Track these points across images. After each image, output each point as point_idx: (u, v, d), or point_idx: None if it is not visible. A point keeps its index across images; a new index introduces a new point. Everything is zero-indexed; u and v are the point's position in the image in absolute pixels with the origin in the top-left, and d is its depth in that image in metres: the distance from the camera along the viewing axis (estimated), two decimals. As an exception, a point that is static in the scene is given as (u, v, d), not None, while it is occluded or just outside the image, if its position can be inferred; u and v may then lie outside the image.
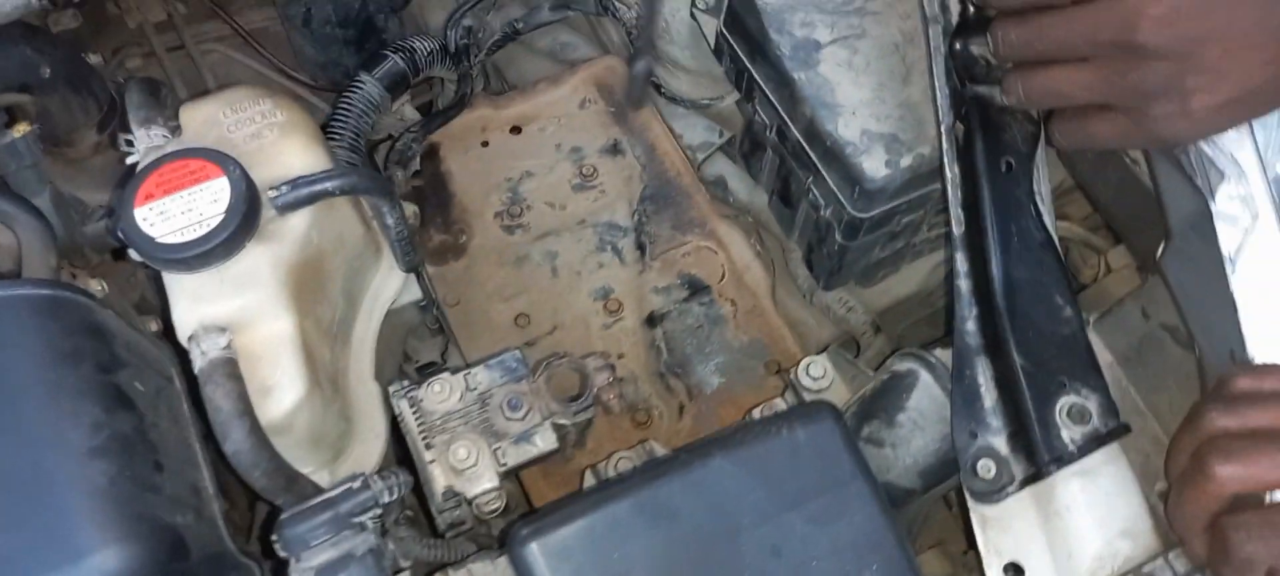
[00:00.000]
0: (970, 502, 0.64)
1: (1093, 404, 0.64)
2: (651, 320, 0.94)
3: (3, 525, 0.52)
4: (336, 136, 0.87)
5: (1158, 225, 0.65)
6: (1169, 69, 0.53)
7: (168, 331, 0.61)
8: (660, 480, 0.55)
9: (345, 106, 0.91)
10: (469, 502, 0.62)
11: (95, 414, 0.56)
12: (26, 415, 0.54)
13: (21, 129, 0.67)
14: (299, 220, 0.59)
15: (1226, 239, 0.59)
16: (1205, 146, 0.60)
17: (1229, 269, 0.59)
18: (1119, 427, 0.63)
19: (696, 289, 0.96)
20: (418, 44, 0.99)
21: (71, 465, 0.54)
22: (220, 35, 1.14)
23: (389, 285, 0.72)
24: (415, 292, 0.74)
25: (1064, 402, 0.64)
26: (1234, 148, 0.59)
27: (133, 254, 0.56)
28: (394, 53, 0.97)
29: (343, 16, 0.99)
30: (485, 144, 1.04)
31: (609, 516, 0.54)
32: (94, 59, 0.80)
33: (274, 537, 0.51)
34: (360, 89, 0.94)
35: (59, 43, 0.76)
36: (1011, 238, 0.67)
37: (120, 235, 0.56)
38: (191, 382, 0.60)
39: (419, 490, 0.77)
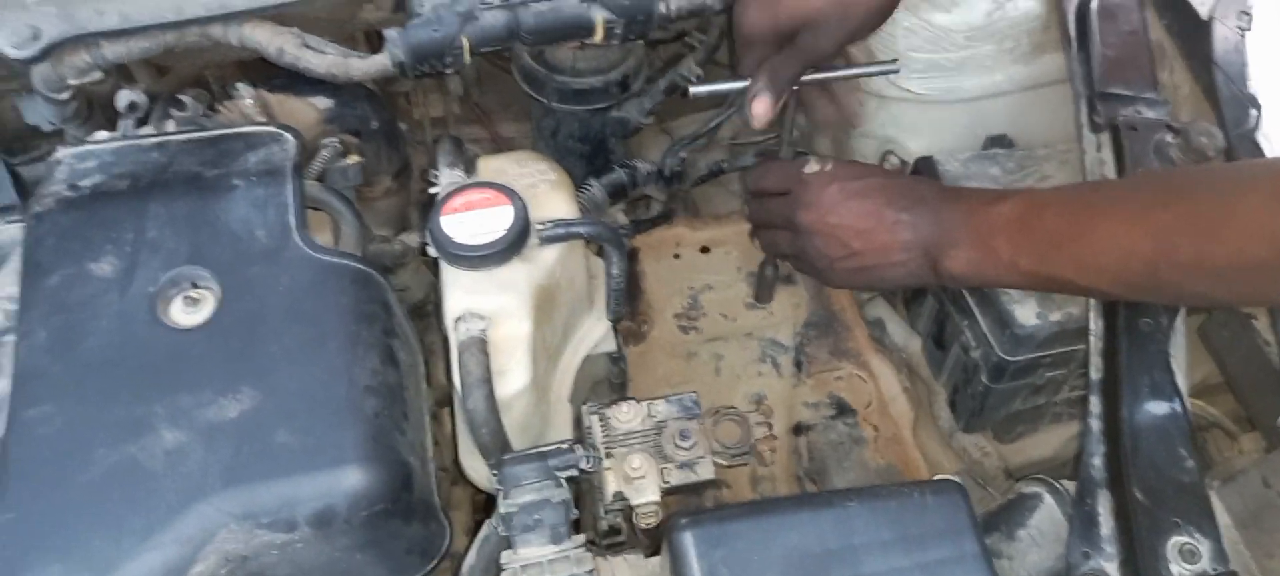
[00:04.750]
0: (1077, 615, 0.70)
1: (1204, 548, 0.69)
2: (798, 429, 1.05)
3: (294, 426, 0.68)
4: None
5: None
6: (818, 242, 0.87)
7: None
8: (802, 508, 0.66)
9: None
10: (631, 510, 0.74)
11: (375, 362, 0.72)
12: (330, 349, 0.71)
13: (353, 159, 0.88)
14: (551, 253, 0.76)
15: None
16: (1330, 330, 0.68)
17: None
18: (1228, 573, 0.68)
19: (843, 410, 1.06)
20: (639, 165, 1.18)
21: (353, 395, 0.70)
22: (477, 138, 1.38)
23: (595, 331, 0.87)
24: (611, 345, 0.89)
25: (1176, 541, 0.70)
26: (1357, 336, 0.67)
27: (430, 250, 0.74)
28: (620, 167, 1.16)
29: (583, 134, 1.20)
30: (677, 256, 1.21)
31: (754, 525, 0.65)
32: (403, 126, 1.02)
33: (494, 472, 0.65)
34: (588, 190, 1.13)
35: (384, 107, 0.99)
36: (1143, 389, 0.75)
37: (429, 234, 0.74)
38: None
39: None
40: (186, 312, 0.72)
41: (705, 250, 1.21)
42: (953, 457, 1.04)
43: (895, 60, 0.86)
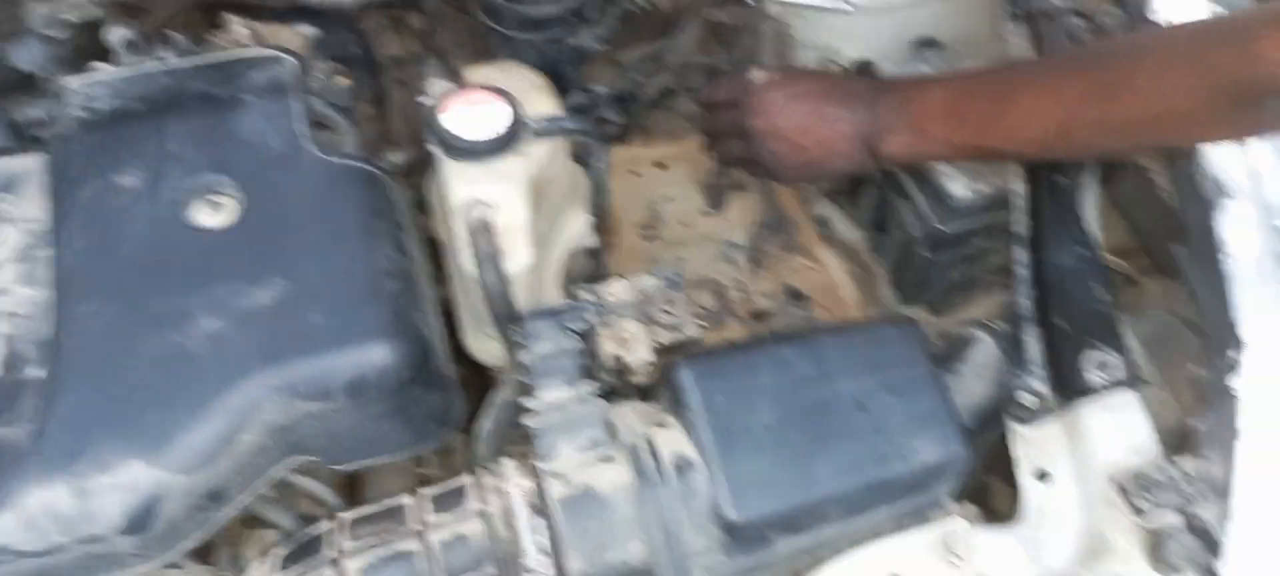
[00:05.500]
0: (1011, 425, 0.82)
1: (1116, 361, 0.82)
2: (758, 316, 1.15)
3: (323, 309, 0.75)
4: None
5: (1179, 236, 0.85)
6: (769, 144, 0.96)
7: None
8: (781, 344, 0.76)
9: (538, 125, 1.18)
10: (626, 370, 0.83)
11: (389, 251, 0.80)
12: (349, 241, 0.78)
13: (344, 81, 0.94)
14: (543, 147, 0.84)
15: (1224, 233, 0.79)
16: (1213, 170, 0.81)
17: (1223, 253, 0.78)
18: (1136, 378, 0.81)
19: (797, 296, 1.17)
20: (595, 88, 1.26)
21: (374, 278, 0.77)
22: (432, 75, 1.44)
23: (577, 224, 0.95)
24: (592, 241, 0.98)
25: (1093, 355, 0.82)
26: (1231, 170, 0.80)
27: (430, 146, 0.82)
28: (579, 91, 1.24)
29: (540, 63, 1.26)
30: (636, 173, 1.30)
31: (742, 360, 0.75)
32: (381, 56, 1.08)
33: (514, 328, 0.73)
34: (550, 114, 1.21)
35: (362, 37, 1.05)
36: (1062, 237, 0.87)
37: (430, 132, 0.81)
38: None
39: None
40: (213, 216, 0.78)
41: (661, 166, 1.30)
42: (898, 331, 1.16)
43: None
